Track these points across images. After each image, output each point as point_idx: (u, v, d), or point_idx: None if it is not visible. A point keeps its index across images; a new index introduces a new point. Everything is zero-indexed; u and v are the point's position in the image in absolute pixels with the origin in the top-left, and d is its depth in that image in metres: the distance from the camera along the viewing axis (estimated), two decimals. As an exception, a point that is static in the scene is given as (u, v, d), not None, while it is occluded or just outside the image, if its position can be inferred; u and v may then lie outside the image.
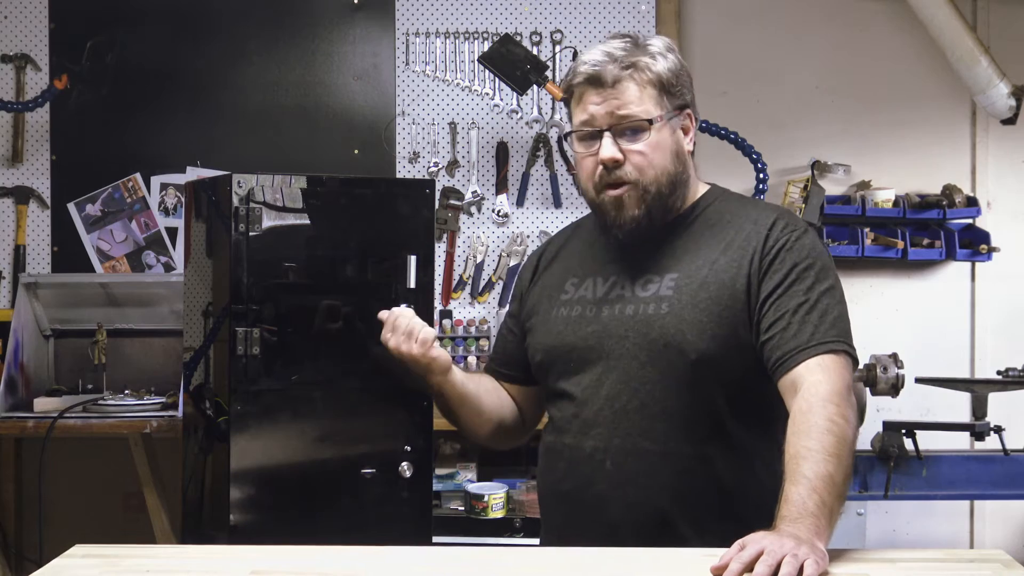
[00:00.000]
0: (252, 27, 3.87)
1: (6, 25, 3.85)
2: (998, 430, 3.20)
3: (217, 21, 3.87)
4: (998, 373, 3.34)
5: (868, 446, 3.23)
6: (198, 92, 3.86)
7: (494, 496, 3.25)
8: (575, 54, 3.78)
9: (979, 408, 3.25)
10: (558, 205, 3.85)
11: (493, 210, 3.86)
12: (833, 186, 3.86)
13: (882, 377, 3.16)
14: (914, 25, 3.73)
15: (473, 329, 3.81)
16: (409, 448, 2.68)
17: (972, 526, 3.94)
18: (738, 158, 3.58)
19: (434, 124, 3.87)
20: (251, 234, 2.58)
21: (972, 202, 3.83)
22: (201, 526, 2.88)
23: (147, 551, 1.69)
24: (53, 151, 3.86)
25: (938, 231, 3.81)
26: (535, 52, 3.77)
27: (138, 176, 3.86)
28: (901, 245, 3.74)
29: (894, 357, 3.19)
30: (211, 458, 2.76)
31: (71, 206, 3.85)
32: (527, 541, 3.15)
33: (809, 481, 1.55)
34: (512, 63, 3.55)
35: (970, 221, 3.84)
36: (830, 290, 1.78)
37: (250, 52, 3.87)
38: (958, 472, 3.25)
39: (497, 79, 3.71)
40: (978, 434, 3.25)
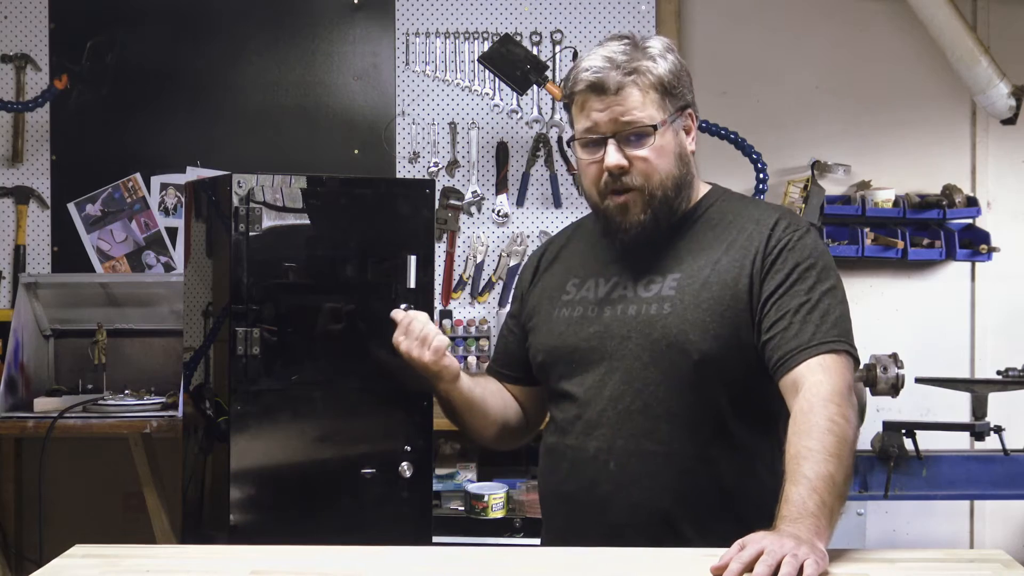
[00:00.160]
0: (252, 27, 3.87)
1: (6, 25, 3.85)
2: (998, 430, 3.20)
3: (217, 21, 3.87)
4: (998, 373, 3.34)
5: (868, 446, 3.23)
6: (198, 92, 3.86)
7: (494, 496, 3.25)
8: (575, 54, 3.78)
9: (979, 408, 3.25)
10: (558, 205, 3.84)
11: (493, 210, 3.86)
12: (833, 186, 3.86)
13: (882, 377, 3.16)
14: (914, 25, 3.73)
15: (473, 329, 3.81)
16: (409, 448, 2.68)
17: (972, 526, 3.94)
18: (738, 158, 3.58)
19: (434, 124, 3.87)
20: (251, 234, 2.58)
21: (972, 202, 3.83)
22: (201, 526, 2.88)
23: (147, 551, 1.69)
24: (53, 151, 3.86)
25: (938, 231, 3.81)
26: (535, 52, 3.77)
27: (138, 176, 3.86)
28: (901, 245, 3.74)
29: (894, 357, 3.19)
30: (211, 458, 2.76)
31: (71, 206, 3.85)
32: (527, 541, 3.15)
33: (809, 481, 1.55)
34: (512, 63, 3.55)
35: (970, 221, 3.84)
36: (832, 290, 1.78)
37: (250, 52, 3.87)
38: (958, 472, 3.24)
39: (497, 79, 3.71)
40: (978, 434, 3.24)
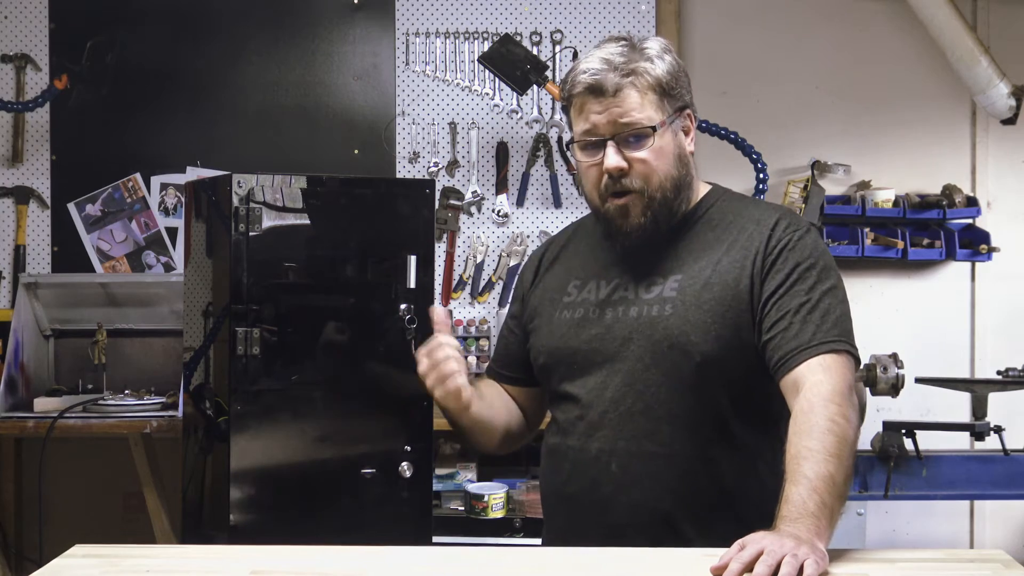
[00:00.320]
0: (252, 27, 3.87)
1: (6, 25, 3.85)
2: (998, 430, 3.20)
3: (217, 21, 3.87)
4: (998, 373, 3.33)
5: (868, 446, 3.23)
6: (198, 92, 3.86)
7: (494, 496, 3.25)
8: (575, 54, 3.78)
9: (979, 408, 3.25)
10: (558, 205, 3.84)
11: (493, 210, 3.86)
12: (833, 186, 3.86)
13: (882, 377, 3.16)
14: (914, 25, 3.73)
15: (473, 329, 3.81)
16: (409, 448, 2.69)
17: (972, 526, 3.94)
18: (738, 158, 3.58)
19: (434, 124, 3.87)
20: (251, 234, 2.58)
21: (972, 202, 3.82)
22: (201, 526, 2.88)
23: (147, 551, 1.69)
24: (53, 151, 3.86)
25: (938, 231, 3.81)
26: (535, 52, 3.77)
27: (138, 176, 3.86)
28: (901, 245, 3.74)
29: (894, 357, 3.19)
30: (211, 458, 2.77)
31: (71, 206, 3.85)
32: (527, 541, 3.15)
33: (810, 481, 1.55)
34: (512, 63, 3.55)
35: (970, 221, 3.84)
36: (832, 290, 1.77)
37: (250, 52, 3.87)
38: (958, 472, 3.24)
39: (497, 79, 3.71)
40: (978, 434, 3.24)
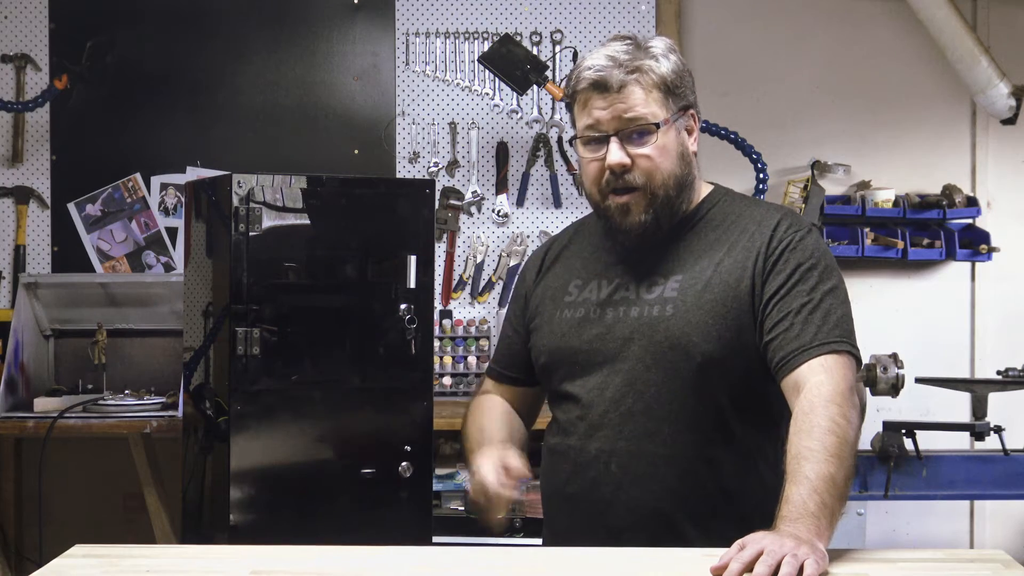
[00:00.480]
0: (252, 27, 3.87)
1: (6, 25, 3.85)
2: (998, 430, 3.20)
3: (217, 21, 3.87)
4: (998, 373, 3.33)
5: (868, 446, 3.22)
6: (198, 92, 3.86)
7: (494, 496, 3.24)
8: (575, 54, 3.78)
9: (979, 408, 3.25)
10: (558, 205, 3.84)
11: (493, 210, 3.86)
12: (833, 186, 3.86)
13: (882, 377, 3.16)
14: (914, 25, 3.73)
15: (473, 329, 3.81)
16: (409, 448, 2.69)
17: (972, 526, 3.94)
18: (738, 158, 3.57)
19: (434, 124, 3.87)
20: (251, 234, 2.58)
21: (972, 202, 3.82)
22: (201, 526, 2.88)
23: (147, 551, 1.69)
24: (53, 151, 3.85)
25: (938, 231, 3.81)
26: (535, 52, 3.77)
27: (138, 176, 3.86)
28: (901, 245, 3.74)
29: (894, 357, 3.19)
30: (211, 458, 2.77)
31: (71, 206, 3.85)
32: (527, 541, 3.15)
33: (810, 481, 1.55)
34: (512, 63, 3.55)
35: (970, 221, 3.84)
36: (834, 290, 1.77)
37: (250, 52, 3.87)
38: (958, 472, 3.24)
39: (497, 79, 3.71)
40: (978, 434, 3.24)
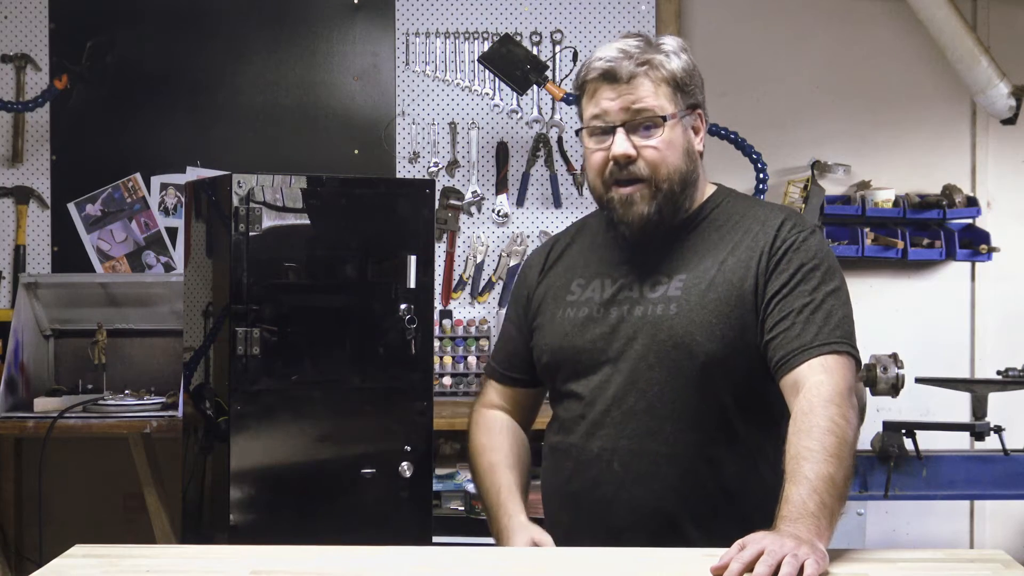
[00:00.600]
0: (252, 27, 3.87)
1: (6, 25, 3.85)
2: (998, 430, 3.20)
3: (217, 21, 3.86)
4: (998, 373, 3.33)
5: (868, 446, 3.22)
6: (198, 92, 3.86)
7: (494, 496, 3.24)
8: (575, 54, 3.78)
9: (979, 408, 3.25)
10: (558, 205, 3.84)
11: (493, 210, 3.86)
12: (833, 186, 3.86)
13: (882, 377, 3.16)
14: (914, 25, 3.73)
15: (473, 329, 3.81)
16: (409, 448, 2.68)
17: (972, 526, 3.94)
18: (738, 158, 3.57)
19: (434, 124, 3.87)
20: (251, 234, 2.58)
21: (972, 202, 3.82)
22: (201, 526, 2.88)
23: (147, 551, 1.69)
24: (53, 151, 3.85)
25: (938, 231, 3.81)
26: (535, 52, 3.77)
27: (138, 176, 3.86)
28: (901, 245, 3.74)
29: (894, 357, 3.19)
30: (211, 458, 2.77)
31: (71, 206, 3.85)
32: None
33: (810, 481, 1.55)
34: (512, 63, 3.55)
35: (970, 221, 3.84)
36: (836, 291, 1.77)
37: (250, 52, 3.87)
38: (958, 472, 3.24)
39: (497, 79, 3.71)
40: (978, 434, 3.24)
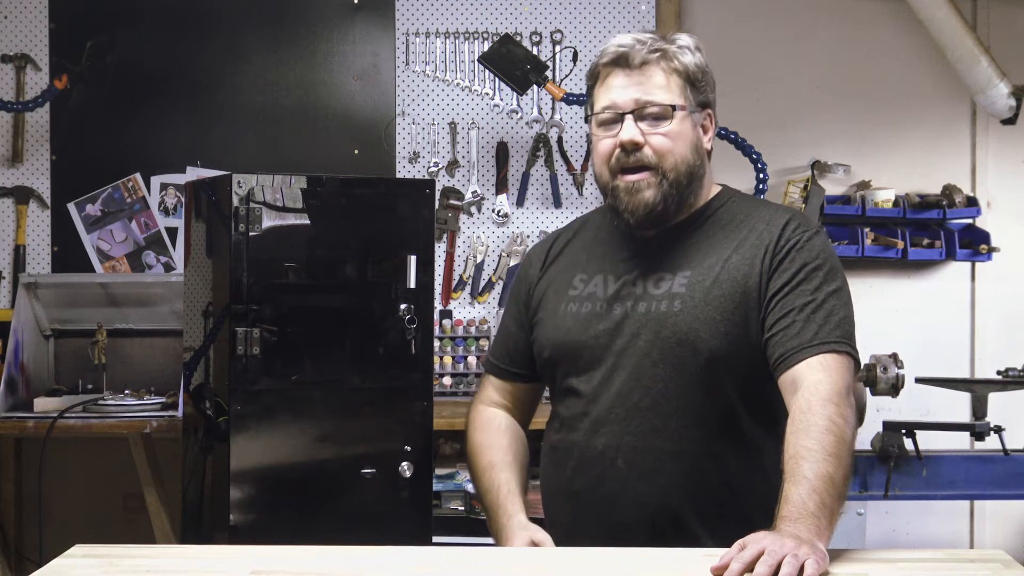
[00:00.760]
0: (252, 27, 3.87)
1: (6, 25, 3.85)
2: (998, 430, 3.20)
3: (217, 21, 3.86)
4: (998, 373, 3.33)
5: (868, 446, 3.22)
6: (198, 92, 3.86)
7: (494, 496, 3.23)
8: (575, 54, 3.78)
9: (979, 408, 3.25)
10: (558, 205, 3.84)
11: (493, 210, 3.86)
12: (833, 186, 3.86)
13: (882, 377, 3.16)
14: (914, 25, 3.73)
15: (473, 329, 3.81)
16: (409, 448, 2.68)
17: (972, 526, 3.94)
18: (738, 158, 3.57)
19: (434, 124, 3.87)
20: (251, 234, 2.58)
21: (972, 202, 3.82)
22: (201, 526, 2.88)
23: (147, 551, 1.69)
24: (53, 151, 3.85)
25: (938, 231, 3.80)
26: (535, 52, 3.77)
27: (138, 176, 3.86)
28: (901, 245, 3.74)
29: (894, 357, 3.19)
30: (211, 458, 2.77)
31: (71, 206, 3.85)
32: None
33: (809, 481, 1.55)
34: (512, 63, 3.55)
35: (970, 221, 3.84)
36: (837, 291, 1.77)
37: (250, 52, 3.87)
38: (958, 472, 3.24)
39: (497, 79, 3.71)
40: (978, 434, 3.24)
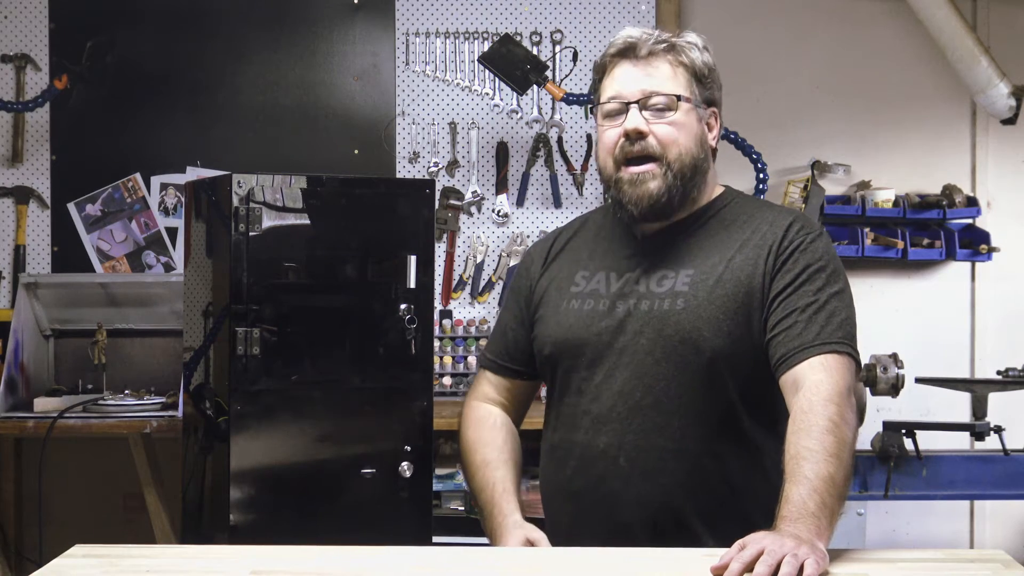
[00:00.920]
0: (252, 27, 3.87)
1: (6, 25, 3.85)
2: (998, 430, 3.20)
3: (217, 21, 3.86)
4: (998, 373, 3.33)
5: (868, 446, 3.22)
6: (198, 92, 3.86)
7: (494, 496, 3.23)
8: (575, 54, 3.78)
9: (979, 408, 3.25)
10: (558, 205, 3.84)
11: (493, 210, 3.86)
12: (833, 186, 3.86)
13: (882, 377, 3.16)
14: (914, 25, 3.73)
15: (473, 329, 3.81)
16: (409, 448, 2.68)
17: (972, 526, 3.94)
18: (738, 158, 3.57)
19: (434, 124, 3.87)
20: (251, 234, 2.58)
21: (972, 202, 3.82)
22: (201, 526, 2.88)
23: (147, 551, 1.69)
24: (53, 151, 3.85)
25: (938, 231, 3.80)
26: (535, 52, 3.77)
27: (138, 176, 3.86)
28: (901, 245, 3.74)
29: (894, 357, 3.19)
30: (211, 458, 2.76)
31: (71, 206, 3.85)
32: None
33: (810, 481, 1.55)
34: (512, 63, 3.55)
35: (970, 221, 3.84)
36: (839, 293, 1.78)
37: (250, 52, 3.87)
38: (958, 472, 3.24)
39: (497, 79, 3.71)
40: (978, 434, 3.24)
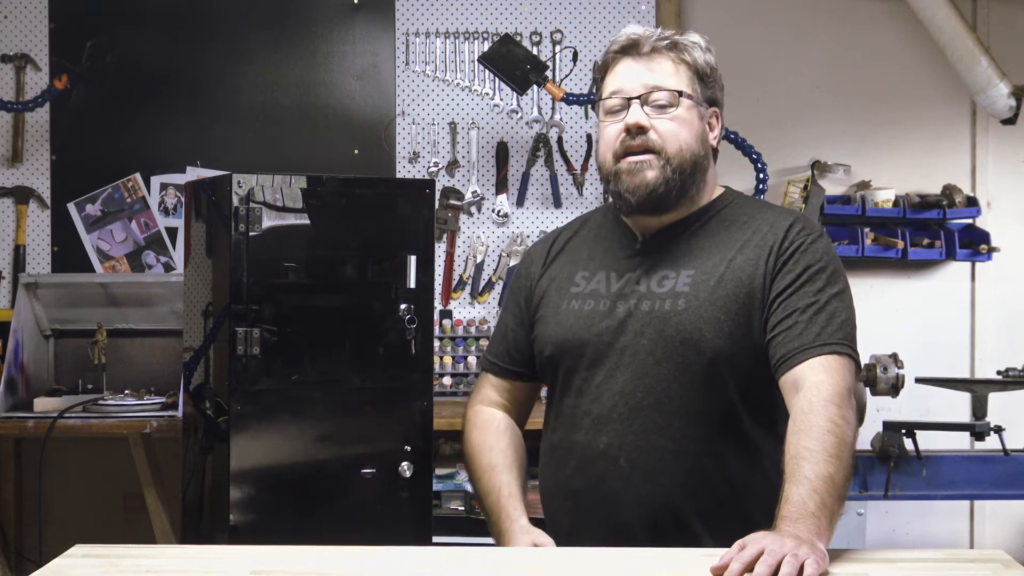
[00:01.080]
0: (252, 27, 3.87)
1: (6, 25, 3.85)
2: (998, 430, 3.20)
3: (217, 21, 3.86)
4: (998, 373, 3.33)
5: (868, 446, 3.22)
6: (198, 92, 3.86)
7: (494, 496, 3.23)
8: (575, 54, 3.79)
9: (979, 408, 3.25)
10: (558, 205, 3.84)
11: (493, 210, 3.86)
12: (833, 186, 3.86)
13: (882, 377, 3.16)
14: (914, 25, 3.73)
15: (473, 329, 3.81)
16: (409, 448, 2.68)
17: (972, 526, 3.94)
18: (738, 158, 3.57)
19: (434, 124, 3.87)
20: (251, 234, 2.58)
21: (972, 202, 3.82)
22: (201, 526, 2.88)
23: (147, 551, 1.69)
24: (53, 151, 3.85)
25: (938, 231, 3.80)
26: (535, 52, 3.77)
27: (138, 176, 3.86)
28: (901, 245, 3.74)
29: (894, 357, 3.19)
30: (211, 458, 2.77)
31: (71, 206, 3.85)
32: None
33: (810, 482, 1.55)
34: (512, 63, 3.55)
35: (970, 221, 3.84)
36: (840, 294, 1.78)
37: (250, 52, 3.87)
38: (958, 472, 3.24)
39: (497, 79, 3.71)
40: (978, 434, 3.24)
